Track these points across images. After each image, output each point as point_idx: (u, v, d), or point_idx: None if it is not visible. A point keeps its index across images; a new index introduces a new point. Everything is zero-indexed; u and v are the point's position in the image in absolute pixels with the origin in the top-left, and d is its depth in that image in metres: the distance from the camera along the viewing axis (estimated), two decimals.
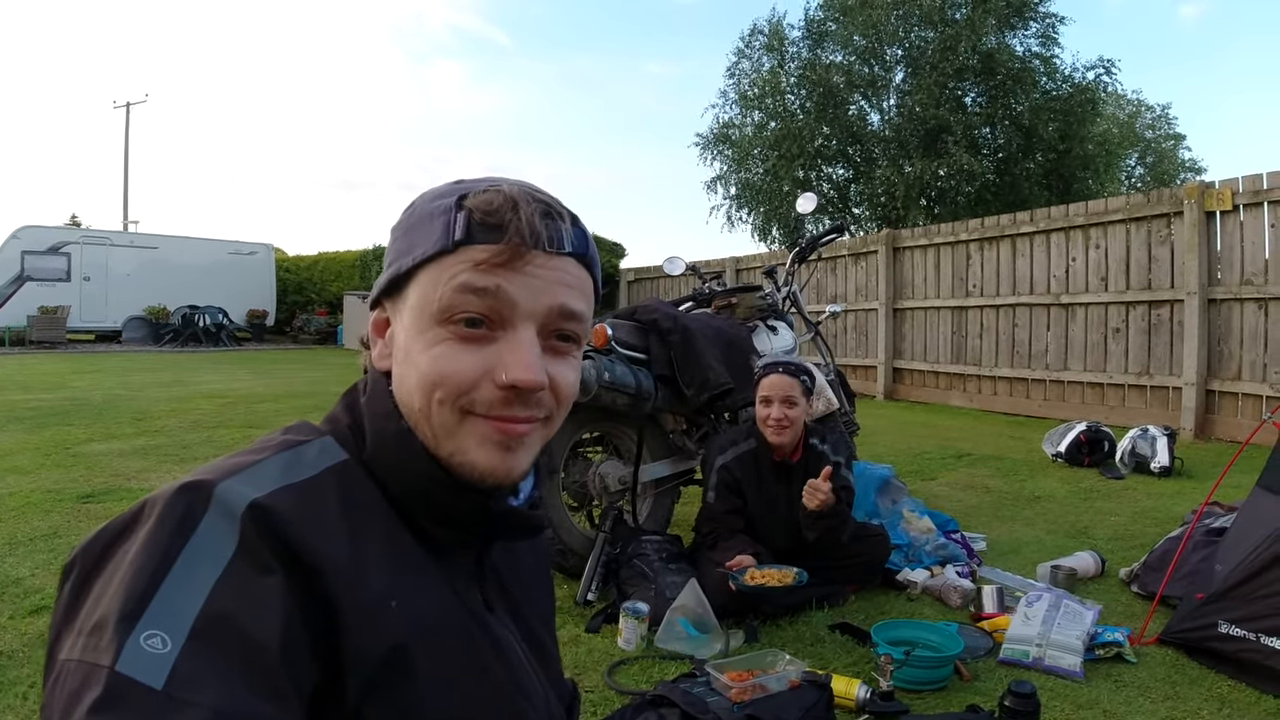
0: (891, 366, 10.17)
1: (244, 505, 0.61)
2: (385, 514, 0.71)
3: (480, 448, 0.71)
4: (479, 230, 0.70)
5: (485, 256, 0.69)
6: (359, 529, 0.67)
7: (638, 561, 3.02)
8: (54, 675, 0.56)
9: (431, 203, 0.73)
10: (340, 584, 0.62)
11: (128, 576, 0.57)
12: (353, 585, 0.63)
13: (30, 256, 18.75)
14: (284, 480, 0.66)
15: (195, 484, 0.62)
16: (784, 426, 3.00)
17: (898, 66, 18.37)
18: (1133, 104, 29.81)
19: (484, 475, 0.72)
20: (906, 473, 5.09)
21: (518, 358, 0.70)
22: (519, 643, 0.81)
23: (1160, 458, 5.32)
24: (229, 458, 0.69)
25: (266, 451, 0.69)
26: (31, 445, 5.87)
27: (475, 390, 0.70)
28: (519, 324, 0.71)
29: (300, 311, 22.84)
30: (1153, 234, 7.29)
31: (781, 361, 3.15)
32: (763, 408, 3.03)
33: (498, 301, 0.70)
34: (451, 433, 0.71)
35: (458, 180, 0.75)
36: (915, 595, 3.06)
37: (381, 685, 0.63)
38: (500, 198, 0.71)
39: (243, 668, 0.55)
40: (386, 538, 0.70)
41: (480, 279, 0.69)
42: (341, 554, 0.64)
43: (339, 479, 0.70)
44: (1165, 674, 2.40)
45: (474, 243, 0.70)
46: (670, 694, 1.97)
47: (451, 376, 0.70)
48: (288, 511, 0.63)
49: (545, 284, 0.72)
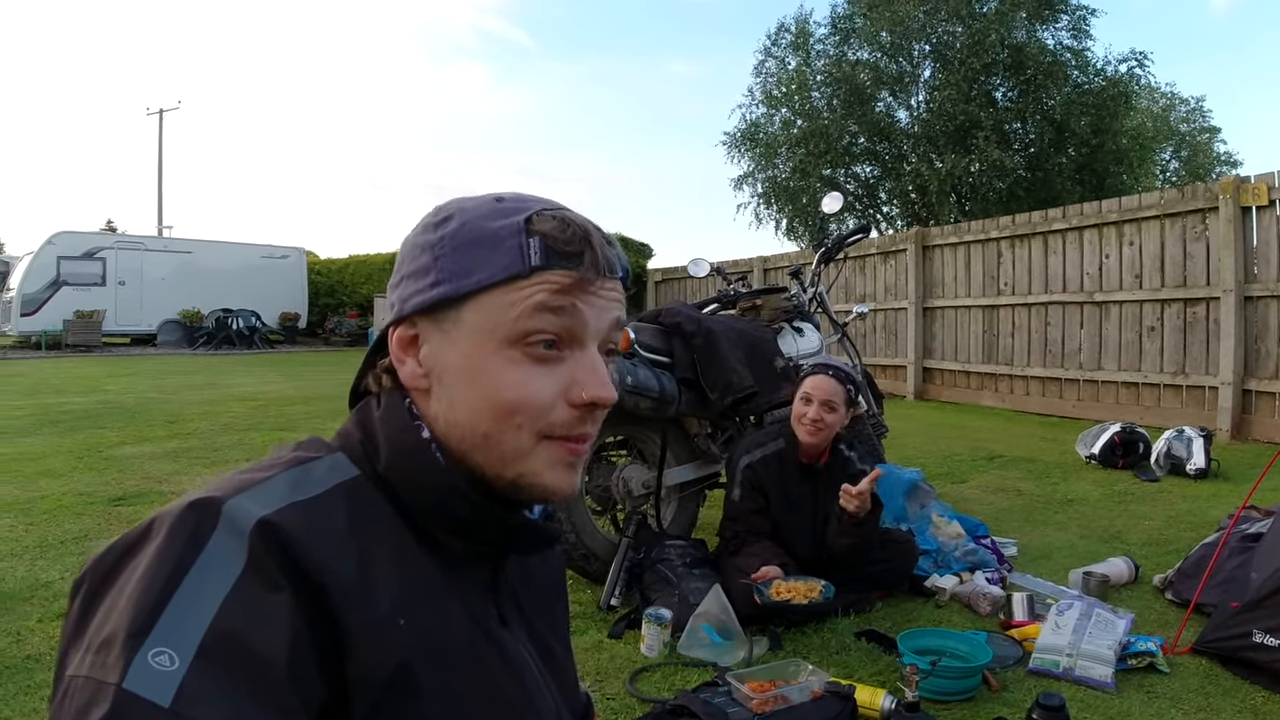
0: (921, 366, 10.07)
1: (252, 522, 0.61)
2: (396, 530, 0.71)
3: (551, 470, 0.73)
4: (555, 257, 0.71)
5: (565, 281, 0.71)
6: (368, 546, 0.67)
7: (661, 567, 3.00)
8: (62, 690, 0.56)
9: (489, 223, 0.73)
10: (347, 602, 0.62)
11: (136, 593, 0.57)
12: (360, 603, 0.63)
13: (66, 262, 19.04)
14: (292, 497, 0.66)
15: (204, 501, 0.62)
16: (819, 429, 2.98)
17: (925, 62, 18.20)
18: (1166, 97, 29.41)
19: (551, 495, 0.74)
20: (936, 475, 5.04)
21: (595, 376, 0.73)
22: (532, 656, 0.80)
23: (1196, 459, 5.21)
24: (238, 474, 0.69)
25: (276, 468, 0.69)
26: (64, 448, 5.96)
27: (552, 412, 0.72)
28: (587, 343, 0.73)
29: (332, 314, 23.01)
30: (1188, 230, 7.15)
31: (834, 365, 3.12)
32: (801, 404, 3.01)
33: (573, 321, 0.72)
34: (524, 456, 0.72)
35: (497, 198, 0.75)
36: (943, 602, 3.01)
37: (387, 705, 0.62)
38: (572, 226, 0.73)
39: (250, 686, 0.55)
40: (396, 554, 0.69)
41: (557, 299, 0.71)
42: (349, 571, 0.64)
43: (349, 495, 0.69)
44: (1198, 685, 2.34)
45: (551, 269, 0.71)
46: (690, 704, 1.96)
47: (532, 400, 0.71)
48: (296, 529, 0.63)
49: (606, 304, 0.74)
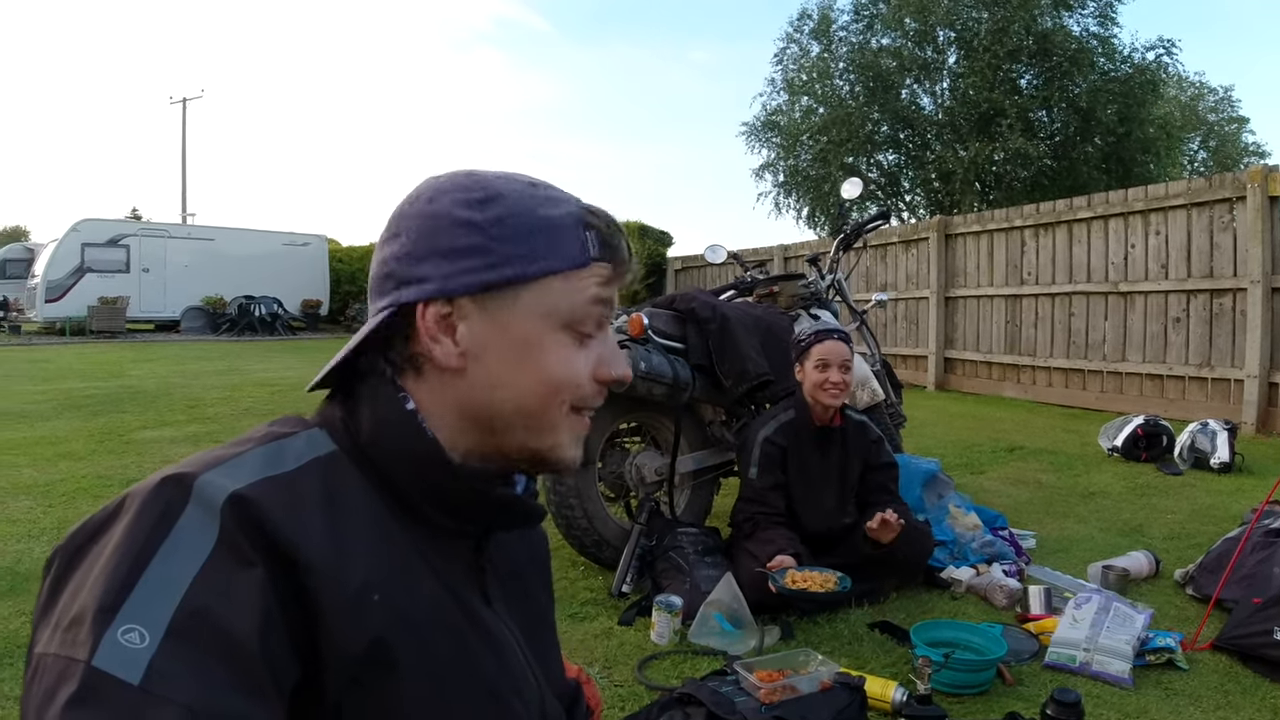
0: (943, 356, 9.97)
1: (224, 497, 0.61)
2: (372, 506, 0.70)
3: (572, 442, 0.79)
4: (606, 250, 0.77)
5: (611, 274, 0.78)
6: (342, 521, 0.66)
7: (673, 554, 2.98)
8: (32, 669, 0.55)
9: (544, 210, 0.75)
10: (321, 578, 0.62)
11: (106, 570, 0.57)
12: (334, 579, 0.62)
13: (90, 249, 19.26)
14: (265, 472, 0.65)
15: (176, 476, 0.62)
16: (841, 390, 3.00)
17: (950, 49, 18.01)
18: (1194, 86, 29.06)
19: (568, 466, 0.80)
20: (955, 466, 4.99)
21: (619, 356, 0.81)
22: (515, 636, 0.81)
23: (1220, 453, 5.13)
24: (212, 450, 0.68)
25: (250, 444, 0.69)
26: (85, 432, 6.02)
27: (584, 388, 0.77)
28: (608, 327, 0.81)
29: (353, 301, 23.14)
30: (1215, 220, 7.02)
31: (834, 329, 3.13)
32: (818, 372, 3.00)
33: (607, 310, 0.79)
34: (556, 428, 0.77)
35: (530, 182, 0.78)
36: (959, 594, 2.97)
37: (363, 680, 0.63)
38: (614, 225, 0.79)
39: (221, 663, 0.55)
40: (372, 530, 0.68)
41: (605, 291, 0.78)
42: (323, 547, 0.63)
43: (324, 471, 0.69)
44: (1218, 682, 2.29)
45: (602, 260, 0.77)
46: (697, 693, 1.93)
47: (574, 378, 0.76)
48: (268, 504, 0.62)
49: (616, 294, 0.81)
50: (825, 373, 2.99)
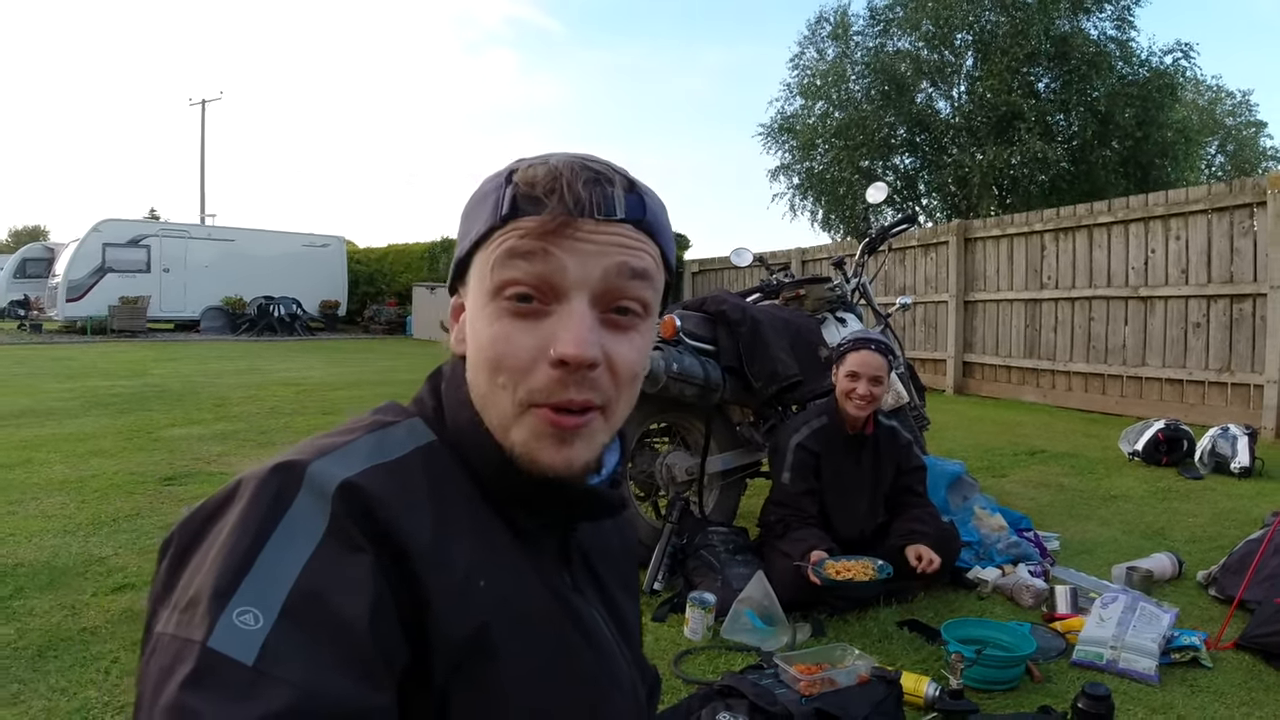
0: (962, 360, 9.99)
1: (335, 485, 0.62)
2: (471, 496, 0.71)
3: (539, 441, 0.69)
4: (525, 203, 0.68)
5: (532, 226, 0.68)
6: (446, 510, 0.68)
7: (704, 552, 3.04)
8: (149, 648, 0.57)
9: (485, 185, 0.73)
10: (428, 564, 0.63)
11: (222, 553, 0.58)
12: (440, 565, 0.64)
13: (111, 249, 19.45)
14: (373, 460, 0.67)
15: (288, 464, 0.64)
16: (869, 402, 3.01)
17: (967, 52, 17.95)
18: (1212, 90, 28.80)
19: (544, 469, 0.70)
20: (977, 469, 5.01)
21: (570, 331, 0.67)
22: (607, 624, 0.81)
23: (1240, 458, 5.15)
24: (320, 438, 0.70)
25: (357, 432, 0.70)
26: (114, 429, 6.11)
27: (532, 374, 0.68)
28: (572, 295, 0.68)
29: (371, 302, 23.31)
30: (1235, 225, 7.03)
31: (873, 339, 3.11)
32: (848, 381, 3.02)
33: (546, 268, 0.68)
34: (510, 425, 0.70)
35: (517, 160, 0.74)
36: (986, 594, 3.02)
37: (467, 665, 0.63)
38: (544, 169, 0.69)
39: (332, 646, 0.56)
40: (473, 519, 0.70)
41: (525, 244, 0.68)
42: (430, 534, 0.64)
43: (426, 460, 0.71)
44: (1242, 680, 2.34)
45: (520, 215, 0.68)
46: (739, 685, 1.98)
47: (509, 357, 0.68)
48: (378, 491, 0.63)
49: (598, 249, 0.69)
50: (855, 383, 3.00)
